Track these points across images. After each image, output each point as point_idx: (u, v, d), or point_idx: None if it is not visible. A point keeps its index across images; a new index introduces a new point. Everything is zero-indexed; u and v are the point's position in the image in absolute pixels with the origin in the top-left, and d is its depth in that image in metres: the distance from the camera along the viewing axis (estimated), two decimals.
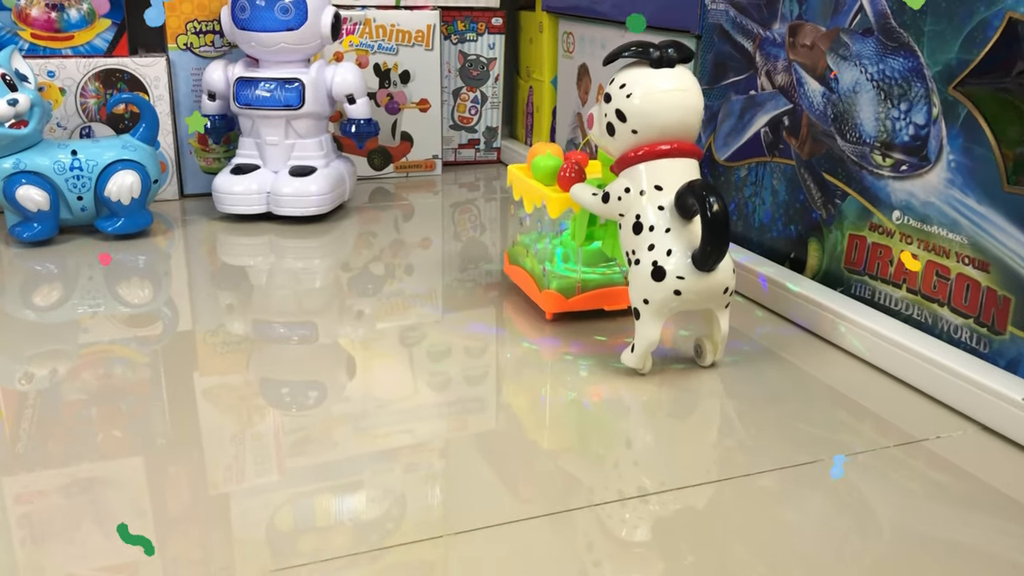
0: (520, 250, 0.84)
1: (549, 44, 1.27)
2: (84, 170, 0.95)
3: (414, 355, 0.73)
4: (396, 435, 0.59)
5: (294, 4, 1.01)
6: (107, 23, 1.07)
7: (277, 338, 0.76)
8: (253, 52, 1.04)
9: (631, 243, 0.66)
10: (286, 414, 0.63)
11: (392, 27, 1.21)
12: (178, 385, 0.66)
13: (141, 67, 1.07)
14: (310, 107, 1.04)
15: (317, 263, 0.97)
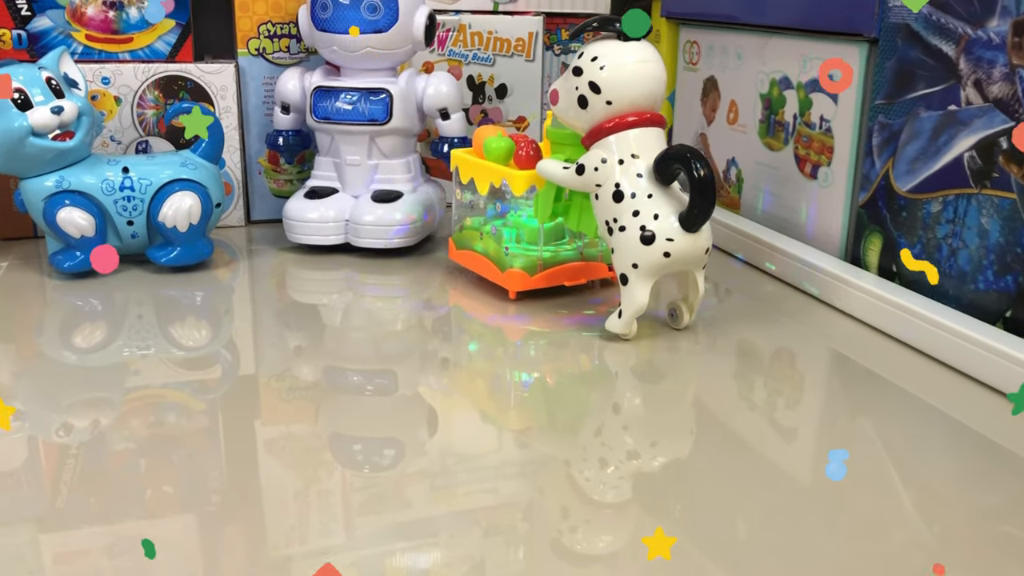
0: (471, 234, 0.84)
1: (667, 55, 1.11)
2: (136, 190, 0.81)
3: (499, 406, 0.65)
4: (477, 494, 0.53)
5: (383, 3, 0.86)
6: (170, 24, 0.94)
7: (350, 387, 0.67)
8: (334, 58, 0.90)
9: (611, 212, 0.69)
10: (356, 470, 0.56)
11: (490, 35, 1.06)
12: (237, 436, 0.59)
13: (206, 74, 0.94)
14: (398, 122, 0.90)
15: (399, 303, 0.83)
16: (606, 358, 0.71)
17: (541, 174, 0.73)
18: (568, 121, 0.72)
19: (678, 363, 0.71)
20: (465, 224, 0.85)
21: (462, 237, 0.85)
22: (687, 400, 0.66)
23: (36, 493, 0.51)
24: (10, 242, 0.93)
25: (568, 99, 0.70)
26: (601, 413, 0.63)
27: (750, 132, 0.95)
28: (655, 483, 0.54)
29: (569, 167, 0.71)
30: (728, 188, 1.00)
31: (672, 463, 0.56)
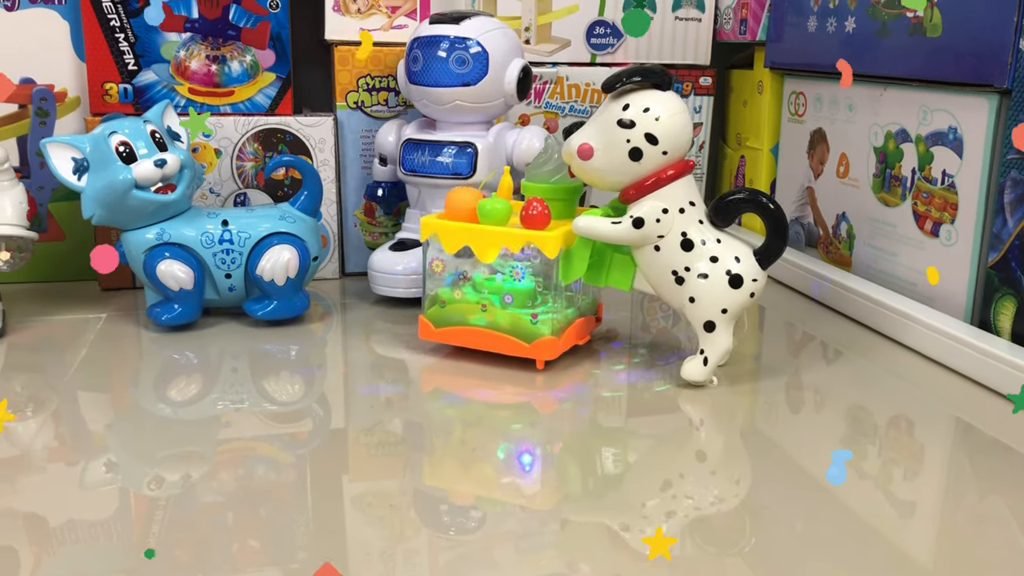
0: (462, 307, 0.76)
1: (771, 107, 1.07)
2: (235, 243, 0.81)
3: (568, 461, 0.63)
4: (560, 556, 0.51)
5: (474, 56, 0.85)
6: (271, 77, 0.94)
7: (435, 444, 0.65)
8: (426, 111, 0.89)
9: (681, 261, 0.69)
10: (442, 529, 0.54)
11: (587, 86, 1.04)
12: (325, 491, 0.58)
13: (305, 127, 0.94)
14: (482, 176, 0.88)
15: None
16: (708, 417, 0.68)
17: (582, 232, 0.71)
18: (601, 175, 0.70)
19: (787, 425, 0.68)
20: (448, 297, 0.77)
21: (445, 313, 0.77)
22: (795, 467, 0.61)
23: (125, 545, 0.51)
24: (109, 293, 0.94)
25: (613, 153, 0.68)
26: (704, 476, 0.60)
27: (862, 186, 0.91)
28: (761, 559, 0.50)
29: (619, 221, 0.69)
30: (838, 244, 0.95)
31: (784, 540, 0.53)
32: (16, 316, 0.85)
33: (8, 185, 0.80)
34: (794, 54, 1.01)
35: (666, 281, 0.70)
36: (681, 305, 0.71)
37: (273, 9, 0.92)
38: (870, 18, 0.86)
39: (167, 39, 0.91)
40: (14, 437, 0.63)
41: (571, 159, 0.71)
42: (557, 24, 1.05)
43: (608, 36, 1.06)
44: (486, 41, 0.85)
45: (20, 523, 0.52)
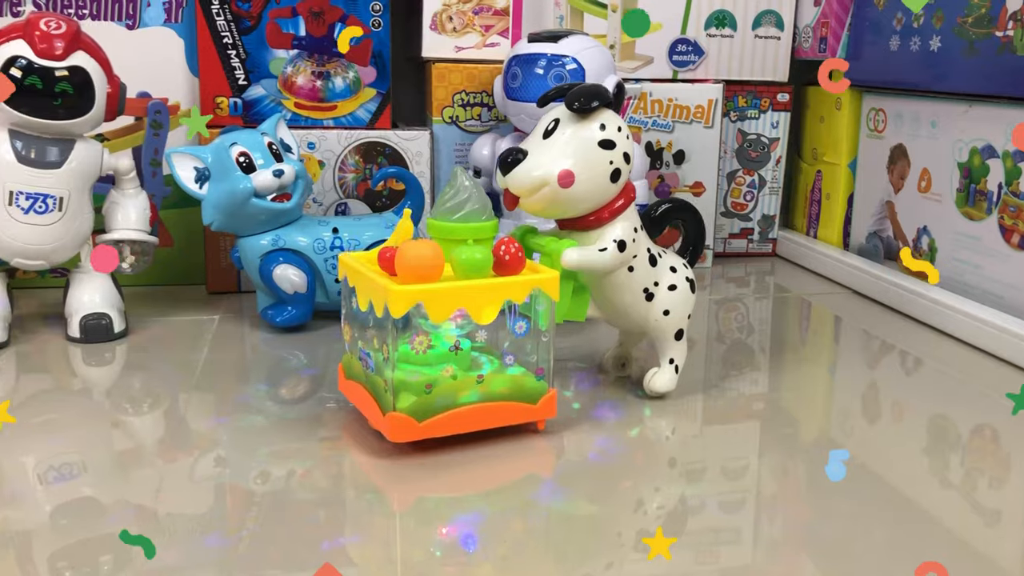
0: (455, 386, 0.61)
1: (849, 123, 1.10)
2: (345, 249, 0.85)
3: (664, 471, 0.63)
4: (637, 563, 0.51)
5: (571, 73, 0.89)
6: (372, 93, 0.99)
7: None
8: (523, 125, 0.93)
9: (651, 277, 0.68)
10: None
11: (670, 102, 1.08)
12: (375, 493, 0.59)
13: (403, 140, 0.99)
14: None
15: (570, 365, 0.83)
16: (784, 427, 0.69)
17: (576, 264, 0.64)
18: (575, 202, 0.64)
19: (864, 434, 0.69)
20: (436, 379, 0.61)
21: (431, 400, 0.61)
22: (876, 475, 0.63)
23: (222, 539, 0.52)
24: (216, 296, 0.99)
25: (595, 177, 0.64)
26: (785, 486, 0.61)
27: (945, 201, 0.93)
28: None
29: (607, 248, 0.65)
30: (920, 256, 0.98)
31: (864, 548, 0.54)
32: (134, 317, 0.90)
33: (133, 193, 0.85)
34: (875, 72, 1.03)
35: (636, 301, 0.68)
36: (647, 321, 0.70)
37: (375, 28, 0.97)
38: (956, 37, 0.89)
39: (275, 55, 0.96)
40: (131, 430, 0.67)
41: (533, 188, 0.63)
42: (641, 42, 1.09)
43: (690, 53, 1.10)
44: (583, 58, 0.89)
45: (131, 513, 0.55)
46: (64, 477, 0.59)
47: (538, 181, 0.63)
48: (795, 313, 1.01)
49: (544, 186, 0.63)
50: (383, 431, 0.61)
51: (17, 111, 0.76)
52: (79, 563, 0.49)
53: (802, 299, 1.04)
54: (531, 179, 0.63)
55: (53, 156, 0.79)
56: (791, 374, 0.81)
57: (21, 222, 0.78)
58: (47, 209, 0.78)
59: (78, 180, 0.80)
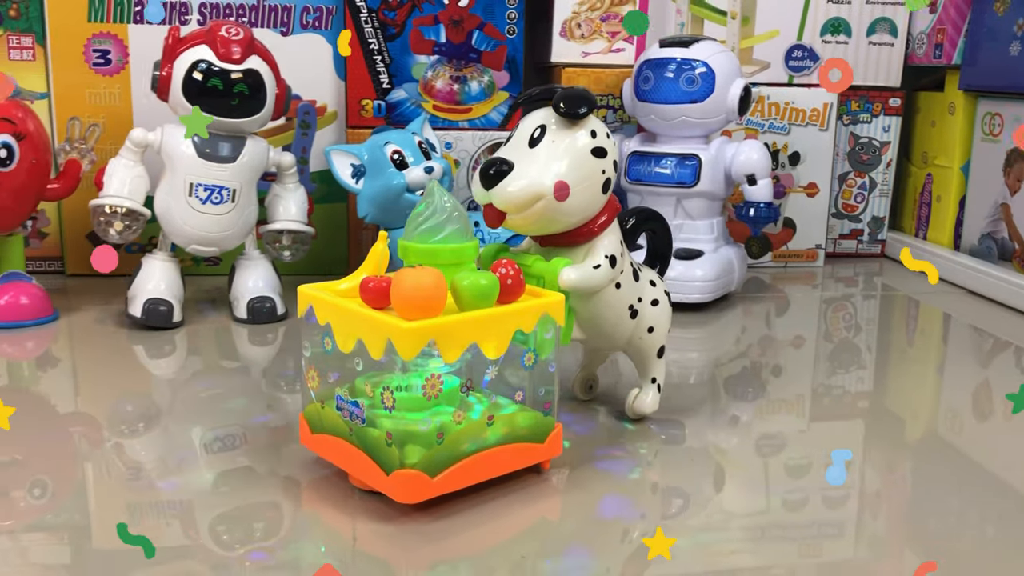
0: (466, 433, 0.54)
1: (963, 127, 1.12)
2: (487, 242, 0.91)
3: (769, 466, 0.64)
4: (739, 554, 0.52)
5: (701, 76, 0.94)
6: (504, 96, 1.05)
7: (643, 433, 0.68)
8: (651, 125, 0.98)
9: (636, 292, 0.64)
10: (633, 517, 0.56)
11: (786, 105, 1.12)
12: (530, 471, 0.60)
13: None
14: (705, 186, 0.96)
15: (695, 356, 0.87)
16: (889, 426, 0.71)
17: (576, 285, 0.59)
18: (567, 217, 0.58)
19: (973, 433, 0.70)
20: (449, 428, 0.54)
21: (444, 451, 0.53)
22: (986, 472, 0.63)
23: None
24: None
25: (589, 188, 0.58)
26: (891, 484, 0.63)
27: None
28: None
29: (600, 264, 0.60)
30: None
31: (974, 546, 0.54)
32: (290, 302, 0.96)
33: (293, 187, 0.92)
34: (992, 77, 1.06)
35: (621, 319, 0.63)
36: (631, 339, 0.65)
37: (510, 35, 1.03)
38: None
39: (417, 61, 1.03)
40: (283, 408, 0.71)
41: (525, 203, 0.57)
42: (759, 48, 1.13)
43: (805, 59, 1.14)
44: (713, 62, 0.93)
45: (278, 484, 0.58)
46: (226, 448, 0.64)
47: (531, 195, 0.56)
48: (903, 312, 1.04)
49: (538, 200, 0.56)
50: (389, 493, 0.53)
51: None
52: (234, 528, 0.53)
53: (910, 298, 1.07)
54: (523, 193, 0.56)
55: (227, 151, 0.86)
56: (898, 372, 0.84)
57: (199, 212, 0.85)
58: (222, 200, 0.86)
59: (249, 174, 0.87)
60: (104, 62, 1.00)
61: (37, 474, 0.59)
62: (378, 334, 0.51)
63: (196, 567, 0.49)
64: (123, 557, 0.49)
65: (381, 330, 0.50)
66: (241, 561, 0.49)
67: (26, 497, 0.56)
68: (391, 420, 0.53)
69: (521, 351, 0.56)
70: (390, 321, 0.50)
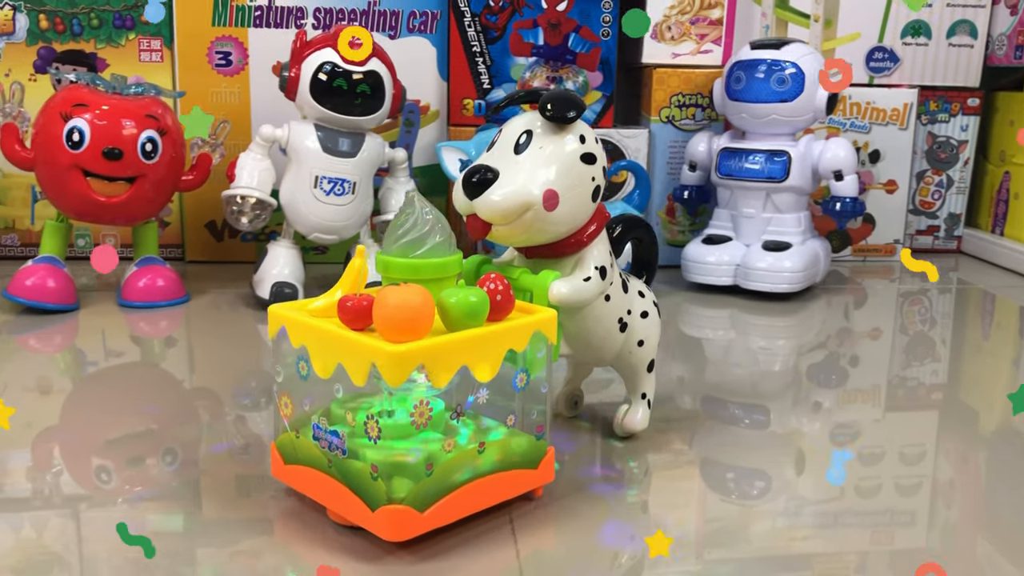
0: (456, 462, 0.50)
1: None
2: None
3: (844, 454, 0.66)
4: (812, 540, 0.53)
5: (792, 76, 0.98)
6: (597, 95, 1.11)
7: (726, 418, 0.71)
8: (741, 123, 1.03)
9: (625, 304, 0.60)
10: (710, 501, 0.58)
11: (867, 105, 1.16)
12: (614, 456, 0.63)
13: (624, 138, 1.10)
14: (794, 181, 1.01)
15: (781, 344, 0.92)
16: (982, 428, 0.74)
17: (567, 299, 0.56)
18: (556, 227, 0.55)
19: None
20: (438, 457, 0.49)
21: (434, 483, 0.49)
22: None
23: None
24: None
25: (578, 194, 0.55)
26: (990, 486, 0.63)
27: None
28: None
29: (591, 277, 0.57)
30: None
31: None
32: None
33: (405, 180, 0.99)
34: None
35: (611, 332, 0.60)
36: (620, 354, 0.62)
37: (604, 37, 1.09)
38: None
39: (516, 62, 1.09)
40: None
41: (513, 213, 0.53)
42: (840, 49, 1.17)
43: (886, 60, 1.18)
44: (803, 63, 0.98)
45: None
46: None
47: (519, 205, 0.53)
48: (978, 306, 1.07)
49: (526, 210, 0.53)
50: (375, 530, 0.49)
51: (323, 108, 0.90)
52: None
53: (986, 293, 1.10)
54: (510, 203, 0.53)
55: (348, 147, 0.93)
56: (973, 365, 0.86)
57: (323, 202, 0.92)
58: (344, 192, 0.92)
59: (367, 168, 0.94)
60: (226, 63, 1.07)
61: (169, 443, 0.64)
62: (361, 358, 0.46)
63: None
64: (229, 528, 0.52)
65: (364, 354, 0.46)
66: None
67: (159, 463, 0.59)
68: (376, 451, 0.48)
69: (510, 371, 0.52)
70: (374, 344, 0.46)
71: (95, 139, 0.86)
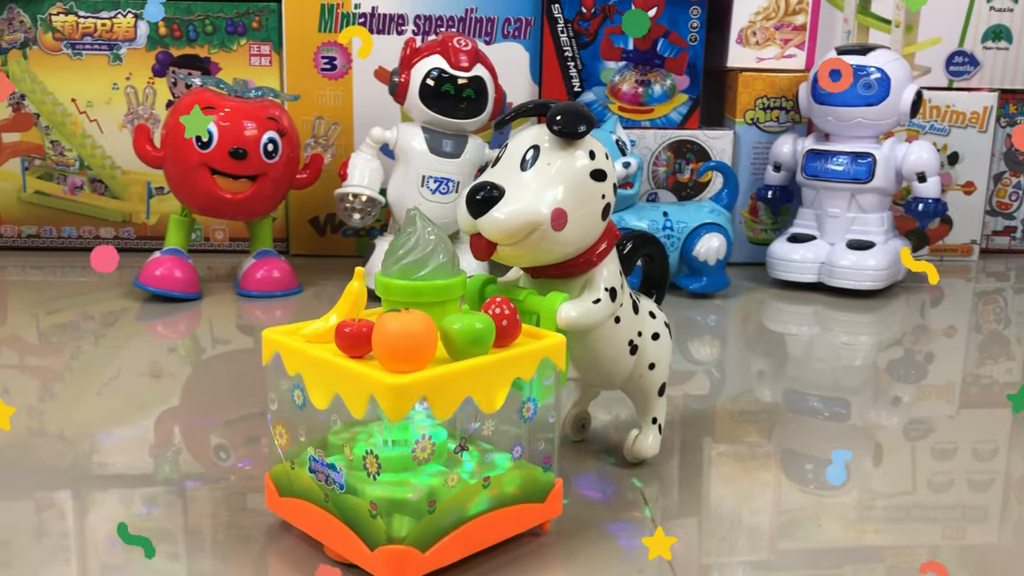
0: (460, 497, 0.47)
1: None
2: (674, 230, 1.01)
3: (917, 449, 0.67)
4: (883, 533, 0.55)
5: (878, 81, 1.02)
6: (684, 98, 1.15)
7: (806, 411, 0.74)
8: (826, 126, 1.06)
9: (636, 325, 0.57)
10: (785, 492, 0.60)
11: (947, 108, 1.19)
12: (689, 448, 0.66)
13: (710, 139, 1.14)
14: (878, 182, 1.04)
15: (864, 339, 0.95)
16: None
17: (576, 323, 0.53)
18: (563, 247, 0.52)
19: None
20: (441, 492, 0.47)
21: (436, 520, 0.47)
22: None
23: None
24: None
25: (587, 212, 0.52)
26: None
27: None
28: None
29: (601, 299, 0.54)
30: None
31: None
32: None
33: None
34: None
35: (620, 355, 0.57)
36: (631, 377, 0.59)
37: (692, 42, 1.13)
38: None
39: (606, 66, 1.13)
40: None
41: (520, 232, 0.51)
42: (920, 54, 1.20)
43: (966, 64, 1.20)
44: (889, 69, 1.01)
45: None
46: None
47: (525, 224, 0.50)
48: None
49: (533, 230, 0.51)
50: (373, 571, 0.46)
51: (431, 111, 0.96)
52: None
53: None
54: (516, 222, 0.50)
55: (452, 148, 0.98)
56: None
57: (429, 200, 0.97)
58: (448, 191, 0.97)
59: (469, 168, 0.99)
60: (330, 67, 1.13)
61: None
62: (359, 389, 0.44)
63: None
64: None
65: (363, 385, 0.44)
66: None
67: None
68: (375, 487, 0.46)
69: (517, 399, 0.49)
70: (373, 375, 0.43)
71: (222, 140, 0.92)
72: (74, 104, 1.14)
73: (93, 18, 1.12)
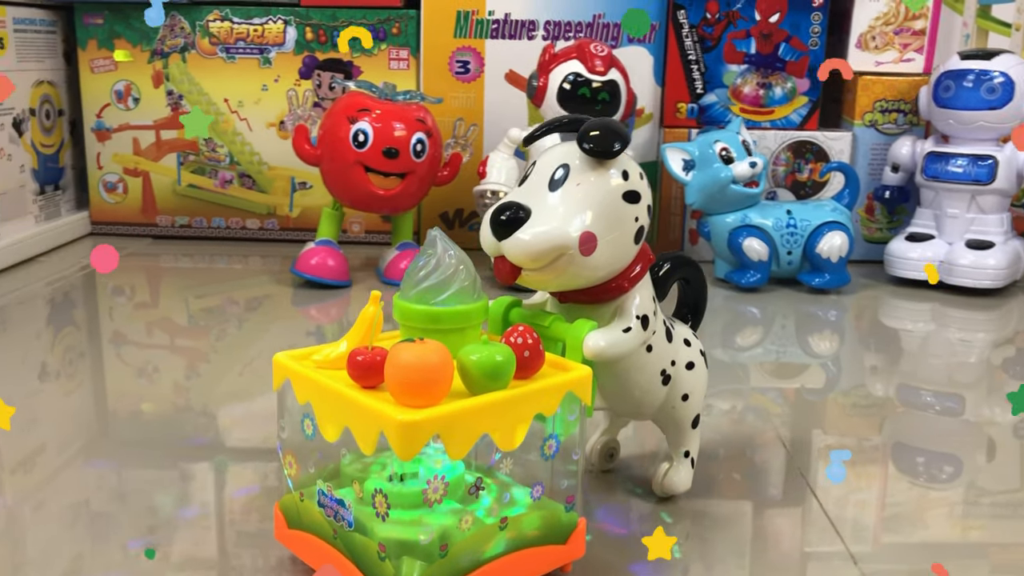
0: (476, 539, 0.45)
1: None
2: (798, 228, 1.06)
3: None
4: (988, 529, 0.55)
5: (1001, 86, 1.04)
6: (804, 100, 1.19)
7: (919, 405, 0.76)
8: (947, 129, 1.09)
9: (669, 354, 0.54)
10: (892, 485, 0.61)
11: None
12: (799, 440, 0.67)
13: (828, 140, 1.18)
14: (999, 184, 1.07)
15: (981, 336, 0.97)
16: None
17: (605, 353, 0.50)
18: (593, 272, 0.49)
19: None
20: (454, 536, 0.44)
21: (451, 563, 0.44)
22: None
23: None
24: None
25: (619, 236, 0.49)
26: None
27: None
28: None
29: (632, 327, 0.51)
30: None
31: None
32: None
33: None
34: None
35: (652, 385, 0.54)
36: (662, 408, 0.56)
37: (812, 47, 1.17)
38: None
39: (728, 69, 1.18)
40: None
41: (545, 257, 0.48)
42: None
43: None
44: (1013, 73, 1.04)
45: None
46: None
47: (552, 248, 0.48)
48: None
49: (561, 254, 0.48)
50: None
51: (567, 113, 1.02)
52: None
53: None
54: (542, 245, 0.47)
55: None
56: None
57: None
58: None
59: None
60: (464, 71, 1.20)
61: None
62: (369, 425, 0.42)
63: None
64: None
65: (373, 420, 0.42)
66: None
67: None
68: (384, 527, 0.44)
69: (538, 433, 0.46)
70: (384, 411, 0.41)
71: (377, 140, 0.99)
72: (226, 104, 1.23)
73: (246, 24, 1.21)
